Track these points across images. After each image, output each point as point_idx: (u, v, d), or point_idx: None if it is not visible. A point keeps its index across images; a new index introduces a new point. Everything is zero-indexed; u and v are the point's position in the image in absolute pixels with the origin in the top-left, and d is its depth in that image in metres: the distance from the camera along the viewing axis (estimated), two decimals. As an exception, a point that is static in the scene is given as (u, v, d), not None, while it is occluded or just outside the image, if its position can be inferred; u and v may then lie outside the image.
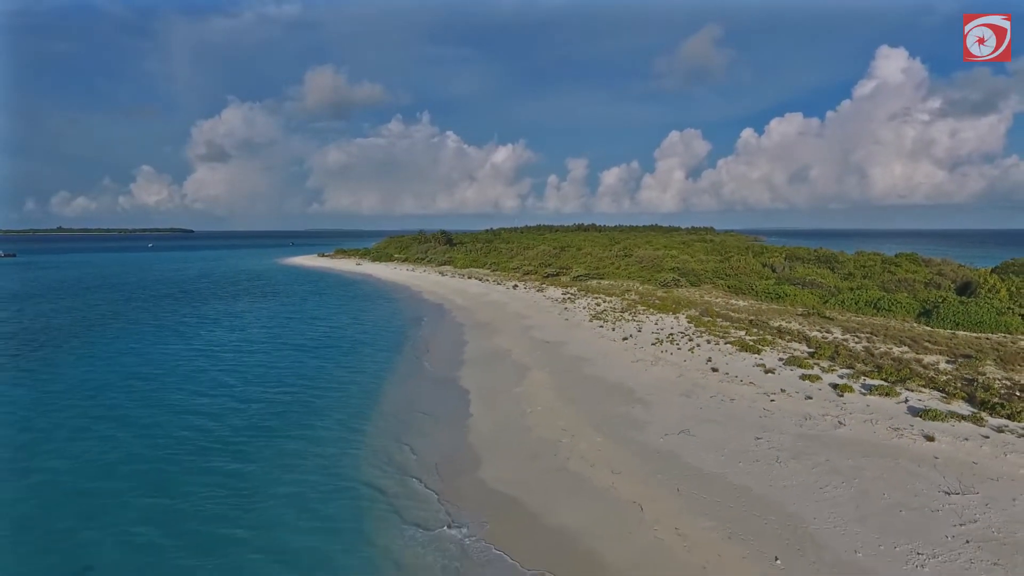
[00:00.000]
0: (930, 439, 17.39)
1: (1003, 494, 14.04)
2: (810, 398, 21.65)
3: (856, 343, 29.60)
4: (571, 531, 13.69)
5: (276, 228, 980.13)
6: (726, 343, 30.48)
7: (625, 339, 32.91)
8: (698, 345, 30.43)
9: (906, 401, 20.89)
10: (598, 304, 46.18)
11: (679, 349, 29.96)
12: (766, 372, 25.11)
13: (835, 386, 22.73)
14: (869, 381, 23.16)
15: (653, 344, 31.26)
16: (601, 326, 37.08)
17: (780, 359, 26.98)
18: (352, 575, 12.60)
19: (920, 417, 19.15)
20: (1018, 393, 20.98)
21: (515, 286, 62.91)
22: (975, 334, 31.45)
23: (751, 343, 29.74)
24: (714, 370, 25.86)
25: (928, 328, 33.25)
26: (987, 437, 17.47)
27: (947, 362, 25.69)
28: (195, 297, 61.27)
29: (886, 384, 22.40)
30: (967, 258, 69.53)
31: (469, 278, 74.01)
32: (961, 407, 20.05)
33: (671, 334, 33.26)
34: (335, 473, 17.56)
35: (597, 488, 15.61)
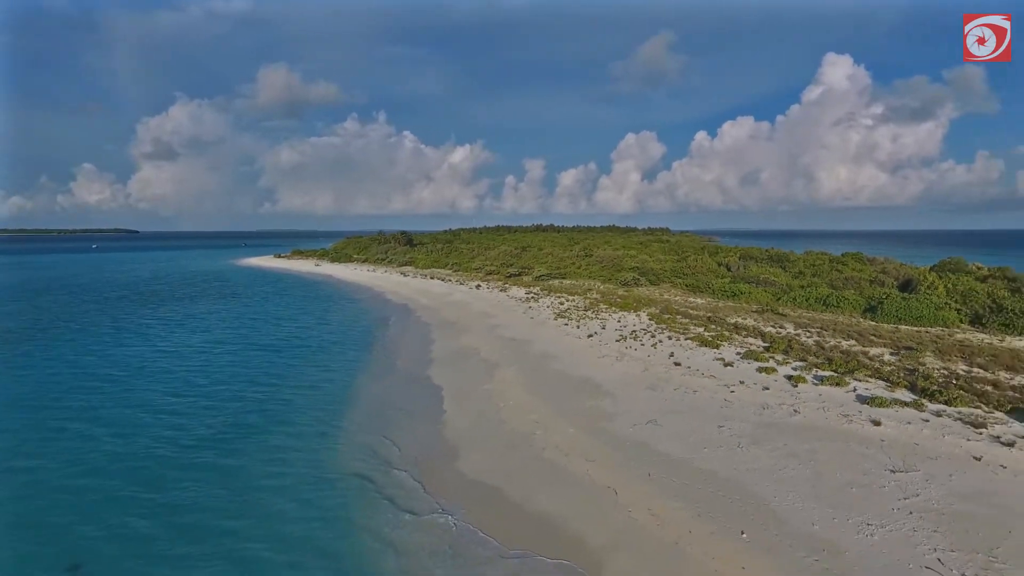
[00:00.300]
0: (876, 424, 18.79)
1: (941, 471, 15.40)
2: (767, 389, 22.94)
3: (808, 337, 31.20)
4: (551, 515, 14.50)
5: (226, 228, 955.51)
6: (686, 339, 31.75)
7: (590, 336, 33.93)
8: (660, 341, 31.61)
9: (854, 390, 22.35)
10: (561, 303, 47.17)
11: (642, 345, 31.09)
12: (725, 365, 26.38)
13: (789, 377, 24.10)
14: (820, 372, 24.61)
15: (617, 341, 32.34)
16: (566, 324, 38.04)
17: (738, 353, 28.32)
18: (348, 559, 13.15)
19: (867, 404, 20.60)
20: (954, 381, 22.66)
21: (478, 286, 63.54)
22: (916, 328, 33.51)
23: (710, 338, 31.06)
24: (676, 364, 27.03)
25: (873, 323, 35.23)
26: (927, 421, 18.95)
27: (891, 354, 27.40)
28: (152, 299, 60.04)
29: (836, 375, 23.87)
30: (908, 257, 73.01)
31: (431, 278, 74.30)
32: (904, 395, 21.59)
33: (634, 331, 34.42)
34: (321, 466, 18.04)
35: (573, 475, 16.46)
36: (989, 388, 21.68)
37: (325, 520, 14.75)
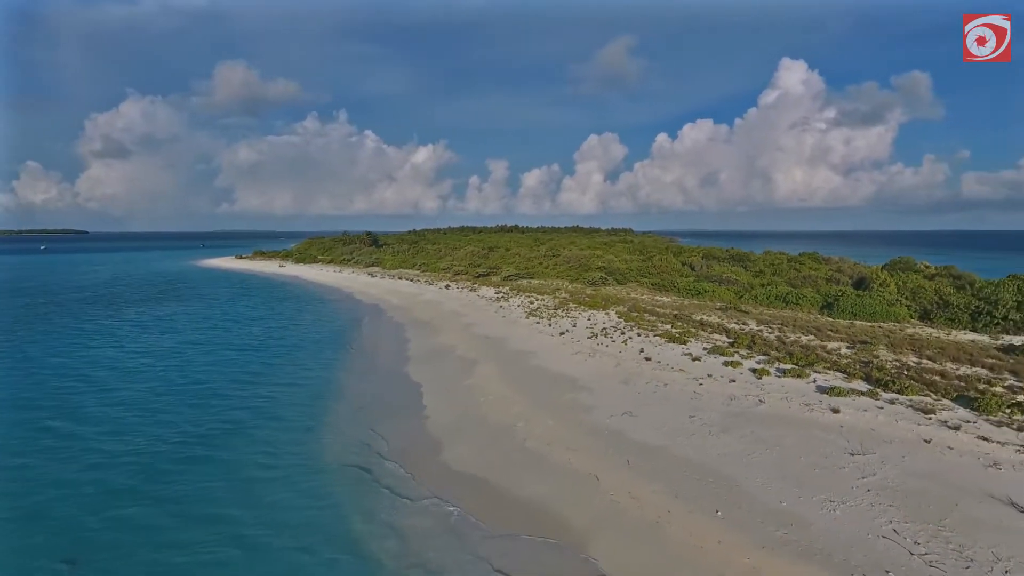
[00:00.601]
0: (836, 411, 20.10)
1: (895, 453, 16.68)
2: (733, 381, 24.14)
3: (769, 333, 32.67)
4: (537, 500, 15.29)
5: (181, 229, 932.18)
6: (655, 335, 32.90)
7: (562, 334, 34.84)
8: (630, 338, 32.69)
9: (814, 381, 23.70)
10: (531, 302, 48.03)
11: (613, 342, 32.12)
12: (693, 360, 27.56)
13: (754, 370, 25.38)
14: (782, 365, 25.94)
15: (589, 338, 33.33)
16: (538, 322, 38.90)
17: (704, 348, 29.55)
18: (351, 541, 13.80)
19: (827, 394, 21.93)
20: (906, 372, 24.20)
21: (447, 286, 64.03)
22: (870, 323, 35.36)
23: (677, 335, 32.26)
24: (647, 359, 28.10)
25: (830, 319, 37.01)
26: (881, 408, 20.33)
27: (847, 348, 28.96)
28: (115, 301, 58.76)
29: (797, 367, 25.21)
30: (860, 256, 75.73)
31: (400, 279, 74.44)
32: (860, 385, 23.00)
33: (604, 328, 35.46)
34: (312, 458, 18.64)
35: (555, 464, 17.27)
36: (937, 378, 23.23)
37: (323, 507, 15.35)
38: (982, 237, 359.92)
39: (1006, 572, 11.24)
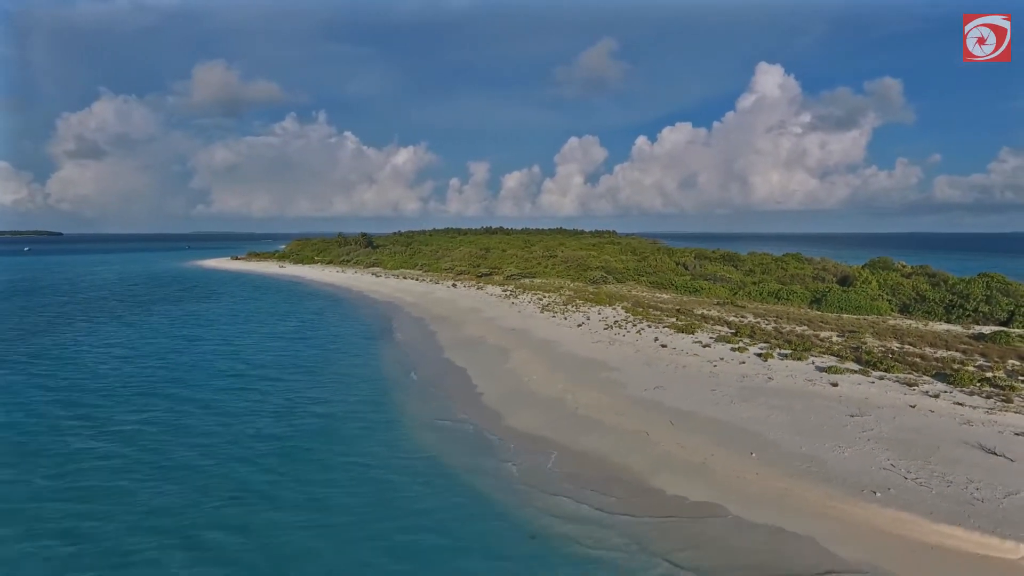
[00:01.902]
0: (834, 385, 23.75)
1: (887, 415, 20.29)
2: (743, 363, 27.71)
3: (767, 325, 36.35)
4: (600, 451, 18.68)
5: (156, 231, 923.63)
6: (663, 327, 36.39)
7: (579, 326, 38.24)
8: (641, 329, 36.16)
9: (813, 363, 27.34)
10: (540, 299, 51.36)
11: (628, 333, 35.57)
12: (703, 347, 31.09)
13: (759, 355, 28.96)
14: (783, 351, 29.55)
15: (605, 329, 36.76)
16: (553, 316, 42.25)
17: (711, 337, 33.11)
18: (475, 469, 17.40)
19: (825, 372, 25.59)
20: (891, 355, 27.97)
21: (454, 285, 67.12)
22: (855, 316, 39.28)
23: (684, 326, 35.79)
24: (663, 346, 31.58)
25: (820, 312, 40.88)
26: (873, 383, 24.01)
27: (838, 336, 32.71)
28: (140, 300, 61.11)
29: (796, 352, 28.84)
30: (838, 257, 79.77)
31: (404, 279, 77.27)
32: (852, 366, 26.67)
33: (616, 321, 38.91)
34: (407, 417, 22.39)
35: (608, 425, 20.66)
36: (918, 360, 27.02)
37: (441, 449, 19.18)
38: (955, 239, 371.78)
39: (977, 489, 14.85)
